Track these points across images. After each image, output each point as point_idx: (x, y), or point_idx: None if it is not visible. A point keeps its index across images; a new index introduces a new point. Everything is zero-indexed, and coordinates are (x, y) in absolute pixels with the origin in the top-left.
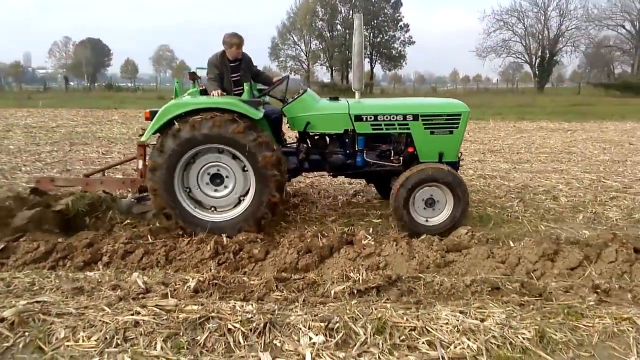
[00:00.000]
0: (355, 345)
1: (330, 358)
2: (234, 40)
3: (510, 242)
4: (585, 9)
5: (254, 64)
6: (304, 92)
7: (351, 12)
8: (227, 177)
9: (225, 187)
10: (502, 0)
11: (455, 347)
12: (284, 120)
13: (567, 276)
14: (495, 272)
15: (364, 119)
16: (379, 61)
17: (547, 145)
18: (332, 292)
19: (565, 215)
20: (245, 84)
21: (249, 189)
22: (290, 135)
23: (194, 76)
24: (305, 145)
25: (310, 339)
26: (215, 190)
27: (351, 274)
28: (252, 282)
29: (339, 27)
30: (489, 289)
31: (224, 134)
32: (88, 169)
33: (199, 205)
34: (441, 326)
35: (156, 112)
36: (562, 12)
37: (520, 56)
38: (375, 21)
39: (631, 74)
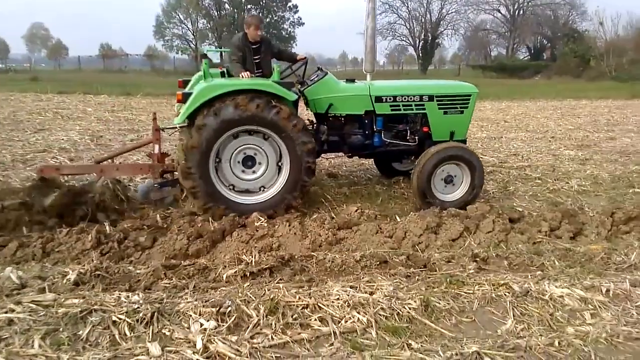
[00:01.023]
0: (248, 327)
1: (222, 342)
2: (252, 21)
3: (397, 217)
4: None
5: (274, 44)
6: (325, 75)
7: None
8: (260, 163)
9: (254, 172)
10: None
11: (346, 322)
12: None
13: (449, 247)
14: (383, 247)
15: (384, 100)
16: None
17: None
18: (224, 276)
19: None
20: (275, 65)
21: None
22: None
23: (205, 57)
24: (324, 127)
25: (202, 325)
26: (243, 172)
27: (244, 257)
28: (138, 272)
29: (227, 5)
30: (378, 263)
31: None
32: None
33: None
34: (332, 302)
35: (189, 94)
36: None
37: (405, 39)
38: (264, 1)
39: (506, 56)
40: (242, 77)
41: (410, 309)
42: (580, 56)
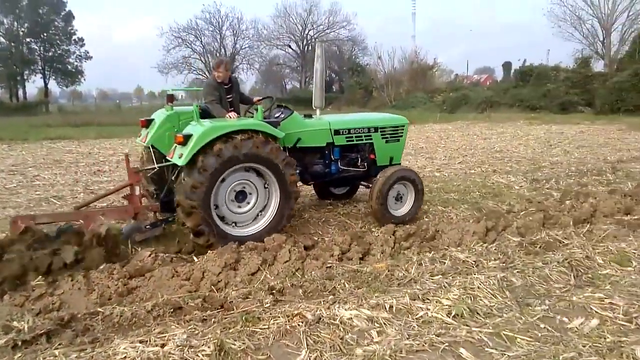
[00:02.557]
0: None
1: None
2: (222, 63)
3: (195, 258)
4: (256, 29)
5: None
6: (292, 112)
7: (15, 23)
8: (250, 193)
9: (248, 202)
10: (179, 18)
11: None
12: None
13: (248, 282)
14: (180, 291)
15: (341, 133)
16: (53, 77)
17: None
18: None
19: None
20: (259, 106)
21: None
22: None
23: (172, 98)
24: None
25: None
26: (239, 207)
27: (15, 324)
28: None
29: (2, 39)
30: (172, 310)
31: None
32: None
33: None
34: None
35: (189, 136)
36: (235, 31)
37: (200, 73)
38: (46, 34)
39: (300, 89)
40: (230, 117)
41: (203, 355)
42: (364, 87)
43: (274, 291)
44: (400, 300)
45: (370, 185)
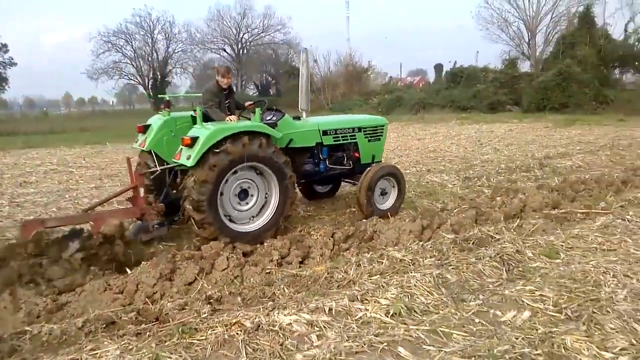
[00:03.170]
0: None
1: None
2: (225, 70)
3: (128, 270)
4: (189, 32)
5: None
6: (284, 115)
7: None
8: (252, 195)
9: (247, 203)
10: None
11: None
12: None
13: (184, 293)
14: (113, 305)
15: (329, 133)
16: None
17: None
18: None
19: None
20: (257, 109)
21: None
22: None
23: (168, 104)
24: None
25: None
26: (239, 204)
27: None
28: None
29: None
30: (104, 325)
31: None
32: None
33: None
34: None
35: (196, 138)
36: (167, 35)
37: (132, 78)
38: None
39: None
40: (231, 120)
41: None
42: None
43: (211, 300)
44: (340, 303)
45: (356, 183)
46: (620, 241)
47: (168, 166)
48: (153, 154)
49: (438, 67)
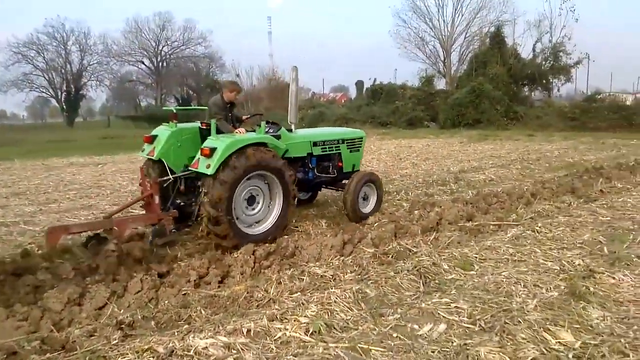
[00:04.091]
0: None
1: None
2: (233, 86)
3: (34, 296)
4: (106, 44)
5: None
6: (280, 127)
7: None
8: (258, 202)
9: (254, 208)
10: (18, 32)
11: None
12: None
13: (94, 318)
14: (16, 334)
15: (318, 144)
16: None
17: (77, 182)
18: None
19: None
20: (262, 122)
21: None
22: None
23: (175, 116)
24: None
25: None
26: (247, 208)
27: None
28: None
29: None
30: (5, 356)
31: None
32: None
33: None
34: None
35: (214, 148)
36: (82, 47)
37: (44, 90)
38: None
39: (156, 106)
40: (239, 132)
41: None
42: None
43: (122, 326)
44: (259, 323)
45: (340, 189)
46: (530, 252)
47: (182, 174)
48: (165, 163)
49: (359, 84)
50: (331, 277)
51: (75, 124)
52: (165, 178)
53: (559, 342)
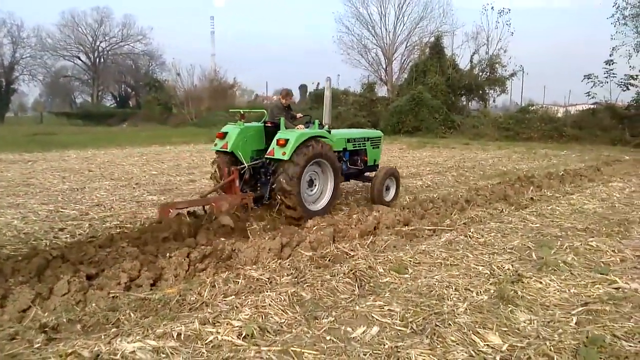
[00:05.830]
0: None
1: None
2: (290, 94)
3: None
4: (40, 38)
5: None
6: (324, 126)
7: None
8: (316, 185)
9: (315, 186)
10: None
11: None
12: None
13: (16, 321)
14: None
15: (350, 141)
16: None
17: (4, 179)
18: None
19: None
20: (316, 120)
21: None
22: None
23: (243, 116)
24: None
25: None
26: (307, 188)
27: None
28: None
29: None
30: None
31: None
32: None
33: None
34: None
35: (287, 139)
36: (14, 39)
37: None
38: None
39: (91, 103)
40: (300, 128)
41: None
42: (163, 104)
43: (46, 329)
44: (190, 327)
45: (365, 182)
46: (462, 256)
47: (253, 163)
48: (239, 154)
49: (303, 88)
50: (267, 280)
51: (6, 119)
52: (241, 166)
53: (487, 344)
